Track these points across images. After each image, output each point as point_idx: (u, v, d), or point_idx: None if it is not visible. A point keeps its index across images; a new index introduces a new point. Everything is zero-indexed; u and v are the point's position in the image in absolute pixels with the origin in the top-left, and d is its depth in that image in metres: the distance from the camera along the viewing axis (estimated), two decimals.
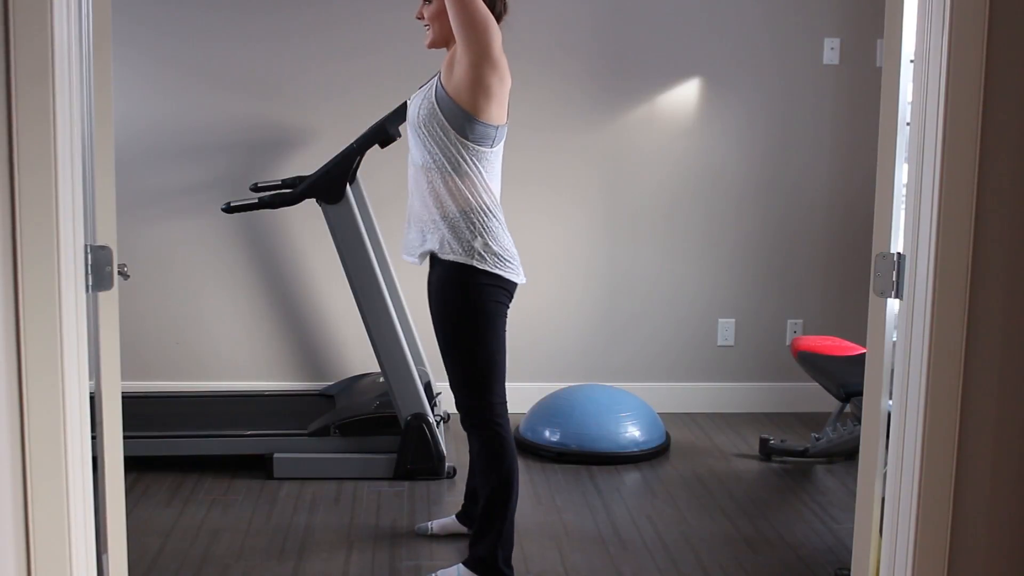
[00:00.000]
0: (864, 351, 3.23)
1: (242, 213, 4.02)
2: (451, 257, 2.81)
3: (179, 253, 4.61)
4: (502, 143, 2.91)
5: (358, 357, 4.64)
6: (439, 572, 2.98)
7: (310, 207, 3.93)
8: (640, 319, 4.81)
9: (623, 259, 4.76)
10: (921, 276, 1.87)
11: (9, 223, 1.74)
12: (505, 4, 2.93)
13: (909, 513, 1.91)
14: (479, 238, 2.81)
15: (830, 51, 4.68)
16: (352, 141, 3.77)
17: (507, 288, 2.87)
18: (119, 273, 2.05)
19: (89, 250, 1.94)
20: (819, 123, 4.74)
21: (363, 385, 4.31)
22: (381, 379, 4.15)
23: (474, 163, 2.81)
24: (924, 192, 1.86)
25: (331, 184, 3.72)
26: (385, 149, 3.88)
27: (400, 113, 3.74)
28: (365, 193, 4.14)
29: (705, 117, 4.70)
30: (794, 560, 3.19)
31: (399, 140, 3.79)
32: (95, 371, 2.08)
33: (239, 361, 4.69)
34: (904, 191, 1.96)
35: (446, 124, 2.79)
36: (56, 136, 1.75)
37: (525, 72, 4.59)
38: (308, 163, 4.33)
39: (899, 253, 1.96)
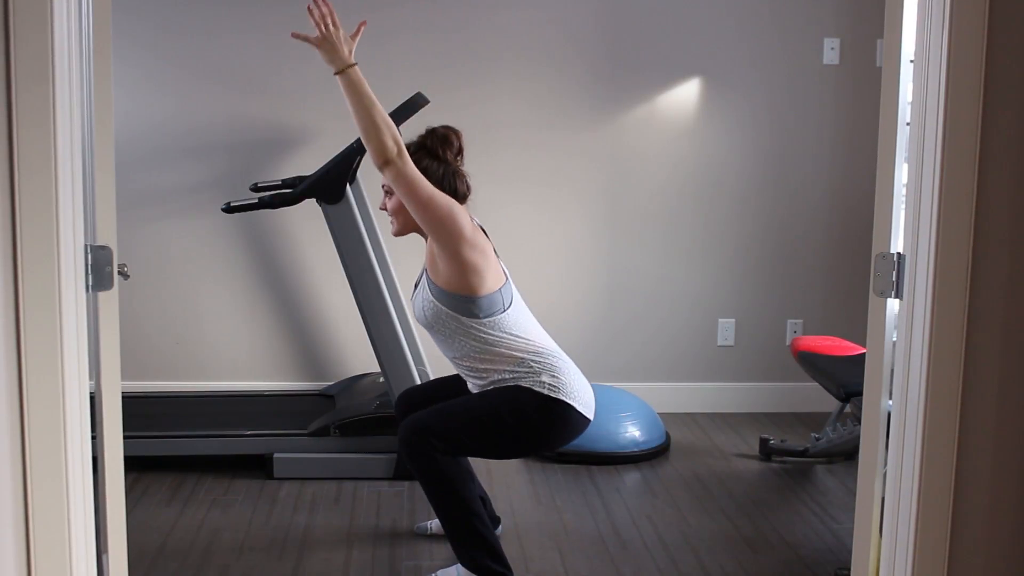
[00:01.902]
0: (864, 351, 3.23)
1: (242, 213, 4.02)
2: (525, 385, 2.79)
3: (179, 253, 4.61)
4: (515, 296, 2.88)
5: (358, 357, 4.64)
6: (439, 572, 2.97)
7: (310, 207, 3.93)
8: (640, 319, 4.81)
9: (623, 259, 4.76)
10: (921, 276, 1.87)
11: (9, 223, 1.74)
12: (468, 186, 2.90)
13: (909, 513, 1.91)
14: (545, 374, 2.80)
15: (830, 51, 4.68)
16: (352, 141, 3.77)
17: (576, 428, 2.83)
18: (119, 273, 2.05)
19: (89, 250, 1.94)
20: (819, 123, 4.74)
21: (363, 385, 4.31)
22: (381, 379, 4.15)
23: (498, 331, 2.81)
24: (924, 192, 1.86)
25: (331, 184, 3.72)
26: None
27: (400, 112, 3.74)
28: (365, 193, 4.14)
29: (705, 117, 4.70)
30: (794, 560, 3.19)
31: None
32: (95, 371, 2.08)
33: (239, 361, 4.69)
34: (904, 191, 1.96)
35: (454, 315, 2.79)
36: (56, 136, 1.75)
37: (526, 71, 4.59)
38: (308, 163, 4.33)
39: (899, 253, 1.96)
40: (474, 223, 2.82)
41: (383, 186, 2.91)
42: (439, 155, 2.85)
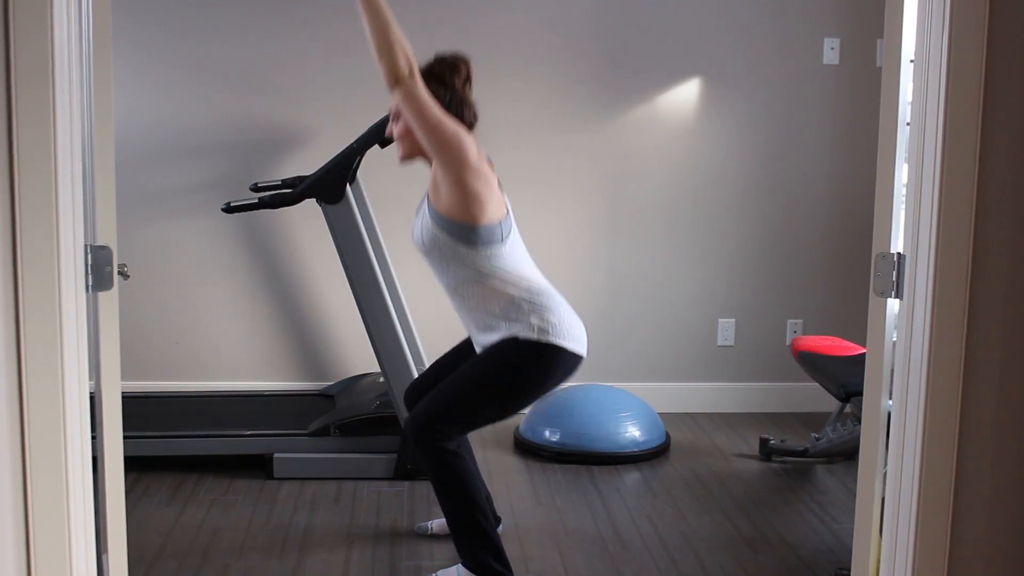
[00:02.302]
0: (864, 351, 3.23)
1: (242, 213, 4.02)
2: (515, 333, 2.80)
3: (179, 253, 4.61)
4: (514, 232, 2.88)
5: (358, 357, 4.64)
6: (439, 572, 2.97)
7: (310, 207, 3.93)
8: (640, 319, 4.81)
9: (623, 259, 4.76)
10: (921, 276, 1.87)
11: (9, 223, 1.74)
12: (475, 113, 2.88)
13: (909, 513, 1.91)
14: (535, 315, 2.81)
15: (830, 51, 4.68)
16: (352, 141, 3.77)
17: (568, 367, 2.85)
18: (119, 273, 2.05)
19: (89, 250, 1.94)
20: (819, 123, 4.74)
21: (363, 385, 4.31)
22: (381, 379, 4.15)
23: (495, 263, 2.81)
24: (924, 192, 1.86)
25: (331, 184, 3.72)
26: (385, 149, 3.88)
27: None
28: (365, 193, 4.14)
29: (705, 117, 4.70)
30: (794, 560, 3.19)
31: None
32: (95, 371, 2.08)
33: (239, 361, 4.69)
34: (904, 191, 1.96)
35: (452, 242, 2.78)
36: (56, 136, 1.75)
37: (526, 71, 4.59)
38: (308, 163, 4.33)
39: (899, 253, 1.96)
40: (481, 153, 2.79)
41: (391, 109, 2.86)
42: (447, 81, 2.82)
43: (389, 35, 2.58)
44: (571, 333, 2.85)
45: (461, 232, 2.77)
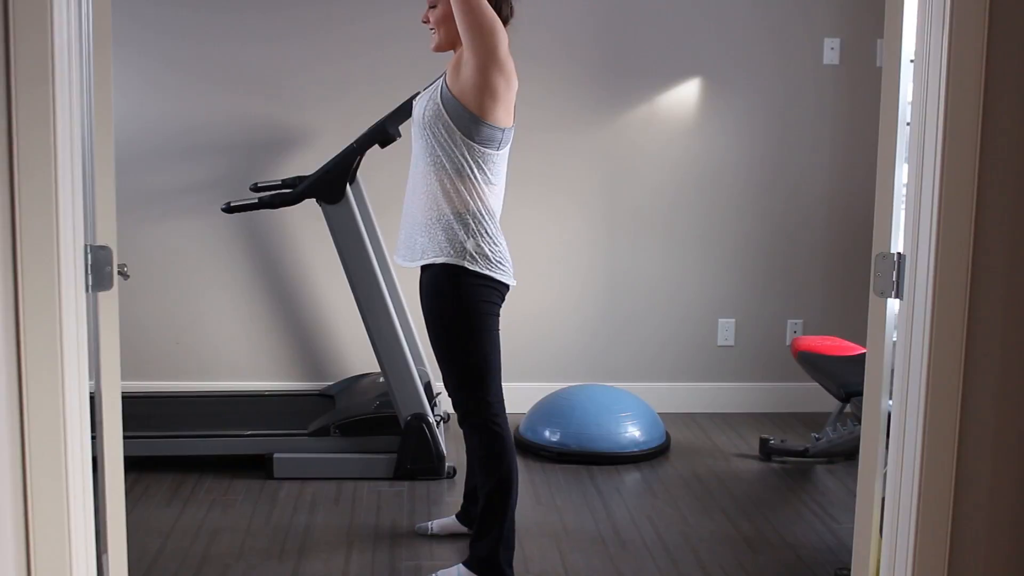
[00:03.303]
0: (864, 351, 3.23)
1: (242, 213, 4.02)
2: (442, 259, 2.81)
3: (179, 253, 4.61)
4: (508, 146, 2.89)
5: (358, 357, 4.64)
6: (439, 572, 2.98)
7: (310, 207, 3.93)
8: (640, 319, 4.81)
9: (623, 259, 4.76)
10: (921, 276, 1.87)
11: (9, 223, 1.74)
12: (511, 8, 2.91)
13: (909, 513, 1.91)
14: (471, 239, 2.81)
15: (830, 51, 4.68)
16: (352, 141, 3.77)
17: (498, 289, 2.87)
18: (119, 273, 2.05)
19: (89, 250, 1.94)
20: (819, 123, 4.74)
21: (363, 385, 4.31)
22: (381, 379, 4.15)
23: (478, 165, 2.81)
24: (924, 192, 1.86)
25: (331, 184, 3.72)
26: (385, 149, 3.88)
27: (400, 113, 3.74)
28: (365, 193, 4.14)
29: (705, 117, 4.70)
30: (794, 560, 3.19)
31: (399, 140, 3.78)
32: (95, 371, 2.07)
33: (239, 361, 4.69)
34: (904, 191, 1.96)
35: (452, 125, 2.78)
36: (56, 136, 1.75)
37: (525, 72, 4.57)
38: (308, 163, 4.33)
39: (899, 253, 1.96)
40: (508, 54, 2.79)
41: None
42: None
43: None
44: (499, 265, 2.85)
45: (465, 120, 2.77)
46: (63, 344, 1.80)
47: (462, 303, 2.82)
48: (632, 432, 4.12)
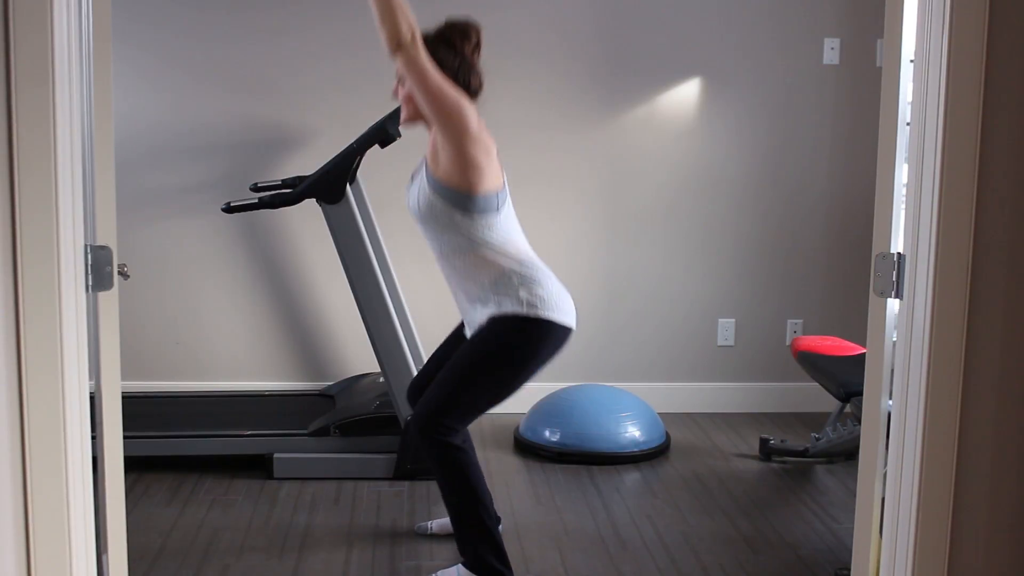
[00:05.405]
0: (864, 351, 3.23)
1: (242, 213, 4.02)
2: (504, 311, 2.81)
3: (179, 253, 4.61)
4: (508, 203, 2.89)
5: (358, 357, 4.64)
6: (439, 572, 2.97)
7: (310, 207, 3.93)
8: (640, 319, 4.81)
9: (623, 259, 4.76)
10: (921, 276, 1.87)
11: (9, 223, 1.74)
12: (480, 81, 2.87)
13: (909, 513, 1.91)
14: (523, 288, 2.82)
15: (830, 51, 4.68)
16: (352, 141, 3.77)
17: (560, 339, 2.85)
18: (119, 273, 2.05)
19: (89, 250, 1.94)
20: (819, 123, 4.74)
21: (363, 385, 4.31)
22: (381, 379, 4.15)
23: (488, 233, 2.81)
24: (924, 192, 1.86)
25: (331, 184, 3.72)
26: (385, 149, 3.88)
27: (395, 116, 3.74)
28: (365, 193, 4.14)
29: (705, 117, 4.70)
30: (794, 560, 3.19)
31: (399, 140, 3.78)
32: (95, 371, 2.07)
33: (239, 361, 4.69)
34: (904, 191, 1.96)
35: (448, 208, 2.78)
36: (56, 136, 1.75)
37: (525, 72, 4.59)
38: (308, 163, 4.33)
39: (899, 253, 1.96)
40: (481, 123, 2.78)
41: (397, 72, 2.85)
42: (455, 47, 2.81)
43: (391, 0, 2.57)
44: (559, 306, 2.85)
45: (458, 200, 2.77)
46: (63, 344, 1.80)
47: (517, 355, 2.82)
48: (632, 432, 4.12)
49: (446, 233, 2.82)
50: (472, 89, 2.83)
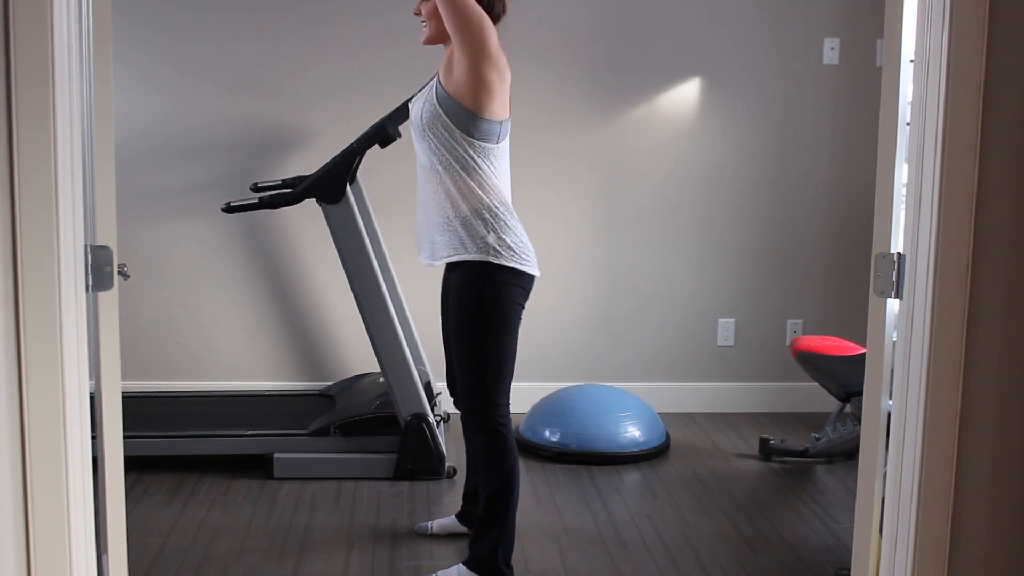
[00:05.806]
0: (864, 351, 3.23)
1: (242, 213, 4.02)
2: (467, 257, 2.81)
3: (179, 253, 4.61)
4: (508, 138, 2.91)
5: (358, 357, 4.64)
6: (439, 572, 2.98)
7: (310, 207, 3.93)
8: (640, 319, 4.81)
9: (623, 259, 4.76)
10: (921, 276, 1.87)
11: (9, 223, 1.74)
12: (504, 5, 2.91)
13: (909, 513, 1.91)
14: (492, 233, 2.82)
15: (830, 51, 4.68)
16: (352, 141, 3.77)
17: (524, 285, 2.88)
18: (119, 273, 2.05)
19: (89, 250, 1.94)
20: (819, 123, 4.74)
21: (363, 385, 4.31)
22: (381, 379, 4.15)
23: (482, 160, 2.82)
24: (924, 192, 1.86)
25: (331, 184, 3.73)
26: (385, 149, 3.88)
27: (400, 113, 3.74)
28: (365, 193, 4.14)
29: (705, 117, 4.70)
30: (794, 560, 3.19)
31: (399, 140, 3.79)
32: (95, 371, 2.07)
33: (239, 361, 4.69)
34: (904, 191, 1.96)
35: (450, 124, 2.79)
36: (56, 136, 1.75)
37: (525, 72, 4.59)
38: (308, 163, 4.33)
39: (899, 253, 1.96)
40: (499, 48, 2.79)
41: None
42: None
43: None
44: (523, 255, 2.86)
45: (463, 117, 2.78)
46: (63, 344, 1.80)
47: (490, 304, 2.82)
48: (632, 432, 4.12)
49: (441, 148, 2.82)
50: (495, 13, 2.86)
